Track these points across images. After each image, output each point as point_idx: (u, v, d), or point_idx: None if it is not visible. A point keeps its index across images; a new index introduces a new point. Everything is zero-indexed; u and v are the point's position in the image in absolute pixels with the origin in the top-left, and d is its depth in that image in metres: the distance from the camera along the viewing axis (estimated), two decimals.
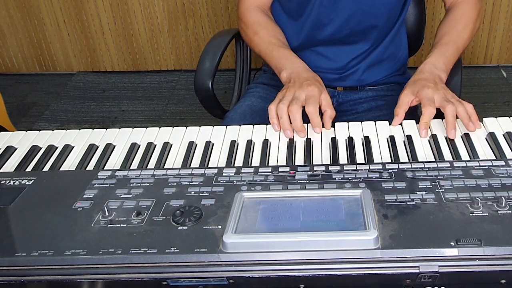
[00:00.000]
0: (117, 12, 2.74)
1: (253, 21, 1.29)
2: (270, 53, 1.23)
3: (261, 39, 1.26)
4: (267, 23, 1.29)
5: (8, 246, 0.69)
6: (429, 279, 0.64)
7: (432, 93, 1.02)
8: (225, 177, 0.81)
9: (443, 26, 1.23)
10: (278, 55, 1.21)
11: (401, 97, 1.05)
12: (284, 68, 1.17)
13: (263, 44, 1.25)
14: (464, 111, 0.98)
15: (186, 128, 1.03)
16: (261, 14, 1.31)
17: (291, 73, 1.14)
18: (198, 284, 0.66)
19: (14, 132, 1.06)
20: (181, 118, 2.53)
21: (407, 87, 1.07)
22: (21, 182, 0.83)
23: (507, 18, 2.61)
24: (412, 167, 0.81)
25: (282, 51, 1.22)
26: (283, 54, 1.21)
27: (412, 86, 1.06)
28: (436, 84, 1.05)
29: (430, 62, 1.13)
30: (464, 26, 1.21)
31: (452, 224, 0.68)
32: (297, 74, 1.12)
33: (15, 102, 2.72)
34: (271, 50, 1.23)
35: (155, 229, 0.70)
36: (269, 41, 1.25)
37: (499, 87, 2.58)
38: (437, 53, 1.15)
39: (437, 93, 1.01)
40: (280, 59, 1.20)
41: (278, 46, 1.23)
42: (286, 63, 1.18)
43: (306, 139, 0.97)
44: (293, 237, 0.66)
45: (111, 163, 0.94)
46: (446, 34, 1.19)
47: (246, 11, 1.31)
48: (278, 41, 1.25)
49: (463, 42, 1.20)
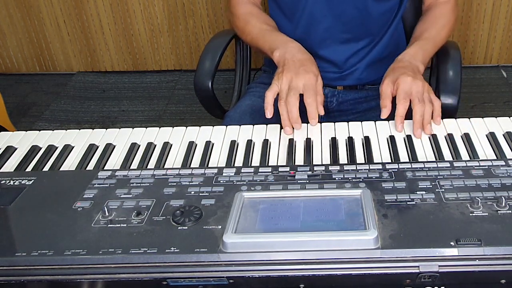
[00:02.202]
0: (117, 12, 2.74)
1: (243, 11, 1.30)
2: (262, 37, 1.22)
3: (253, 26, 1.25)
4: (258, 13, 1.30)
5: (8, 246, 0.69)
6: (429, 279, 0.64)
7: (410, 83, 1.02)
8: (225, 177, 0.81)
9: (423, 23, 1.25)
10: (270, 38, 1.20)
11: (382, 88, 1.05)
12: (277, 48, 1.14)
13: (254, 31, 1.25)
14: (429, 113, 0.99)
15: (186, 128, 1.03)
16: (252, 5, 1.31)
17: (285, 52, 1.12)
18: (198, 284, 0.66)
19: (14, 132, 1.06)
20: (181, 118, 2.53)
21: (387, 77, 1.07)
22: (21, 182, 0.83)
23: (507, 18, 2.61)
24: (412, 167, 0.80)
25: (275, 34, 1.21)
26: (276, 36, 1.20)
27: (391, 74, 1.07)
28: (415, 73, 1.06)
29: (408, 53, 1.14)
30: (443, 25, 1.24)
31: (452, 224, 0.68)
32: (291, 54, 1.10)
33: (15, 102, 2.72)
34: (263, 35, 1.22)
35: (155, 229, 0.70)
36: (261, 27, 1.24)
37: (499, 87, 2.58)
38: (416, 45, 1.17)
39: (415, 85, 1.02)
40: (273, 41, 1.18)
41: (271, 31, 1.22)
42: (279, 43, 1.16)
43: (306, 139, 0.97)
44: (293, 237, 0.66)
45: (111, 163, 0.94)
46: (426, 31, 1.21)
47: (236, 4, 1.31)
48: (269, 27, 1.24)
49: (441, 40, 1.23)
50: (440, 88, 1.19)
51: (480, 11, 2.60)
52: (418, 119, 0.97)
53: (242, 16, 1.29)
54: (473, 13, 2.60)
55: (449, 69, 1.23)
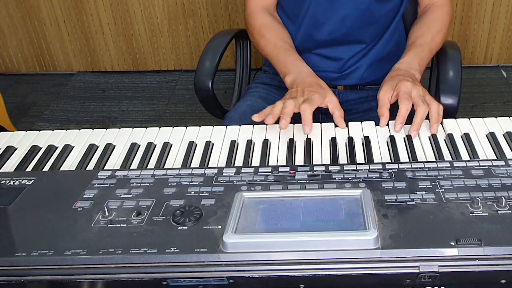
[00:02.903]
0: (117, 12, 2.74)
1: (259, 23, 1.29)
2: (276, 56, 1.23)
3: (268, 41, 1.26)
4: (273, 25, 1.29)
5: (8, 246, 0.69)
6: (429, 279, 0.64)
7: (410, 86, 1.02)
8: (225, 177, 0.81)
9: (418, 28, 1.24)
10: (283, 58, 1.21)
11: (380, 96, 1.05)
12: (289, 73, 1.17)
13: (269, 47, 1.25)
14: (436, 111, 0.98)
15: (186, 128, 1.03)
16: (267, 16, 1.31)
17: (295, 78, 1.14)
18: (198, 284, 0.66)
19: (14, 132, 1.06)
20: (181, 118, 2.53)
21: (385, 84, 1.07)
22: (21, 182, 0.83)
23: (507, 18, 2.61)
24: (412, 167, 0.80)
25: (288, 55, 1.22)
26: (288, 58, 1.21)
27: (389, 81, 1.07)
28: (413, 80, 1.06)
29: (405, 62, 1.14)
30: (438, 30, 1.23)
31: (452, 224, 0.68)
32: (301, 79, 1.13)
33: (15, 102, 2.72)
34: (277, 54, 1.23)
35: (155, 229, 0.70)
36: (275, 43, 1.25)
37: (499, 87, 2.58)
38: (412, 53, 1.16)
39: (415, 88, 1.02)
40: (286, 63, 1.20)
41: (284, 49, 1.23)
42: (291, 67, 1.18)
43: (306, 139, 0.97)
44: (293, 237, 0.66)
45: (111, 163, 0.94)
46: (421, 36, 1.21)
47: (252, 14, 1.31)
48: (284, 44, 1.25)
49: (436, 46, 1.22)
50: (440, 88, 1.19)
51: (480, 11, 2.60)
52: (419, 121, 0.97)
53: (257, 28, 1.29)
54: (473, 13, 2.60)
55: (449, 69, 1.23)
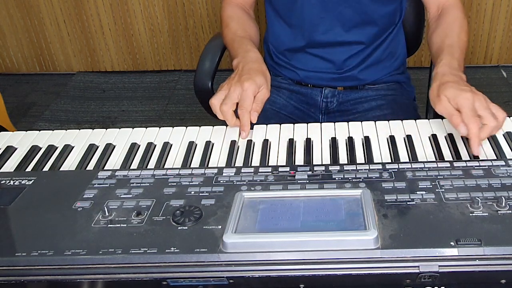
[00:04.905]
0: (117, 12, 2.74)
1: (226, 14, 1.30)
2: (232, 43, 1.22)
3: (229, 30, 1.26)
4: (239, 17, 1.29)
5: (8, 246, 0.69)
6: (429, 279, 0.64)
7: (471, 99, 0.92)
8: (225, 177, 0.81)
9: (439, 32, 1.18)
10: (237, 45, 1.20)
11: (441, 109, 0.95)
12: (236, 56, 1.15)
13: (229, 36, 1.25)
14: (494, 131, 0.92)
15: (186, 128, 1.03)
16: (237, 9, 1.31)
17: (239, 62, 1.12)
18: (198, 284, 0.66)
19: (14, 132, 1.06)
20: (181, 118, 2.53)
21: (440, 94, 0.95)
22: (21, 182, 0.83)
23: (507, 18, 2.61)
24: (412, 167, 0.80)
25: (242, 42, 1.20)
26: (241, 43, 1.20)
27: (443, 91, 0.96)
28: (469, 87, 0.98)
29: (445, 64, 1.06)
30: (460, 29, 1.17)
31: (452, 224, 0.68)
32: (245, 63, 1.10)
33: (15, 102, 2.72)
34: (233, 41, 1.22)
35: (155, 229, 0.70)
36: (235, 33, 1.24)
37: (499, 87, 2.58)
38: (446, 55, 1.09)
39: (477, 100, 0.92)
40: (237, 49, 1.18)
41: (241, 37, 1.22)
42: (240, 52, 1.17)
43: (306, 139, 0.97)
44: (293, 237, 0.66)
45: (111, 163, 0.94)
46: (446, 38, 1.15)
47: (224, 7, 1.32)
48: (243, 33, 1.24)
49: (464, 44, 1.16)
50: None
51: (480, 11, 2.60)
52: (484, 136, 0.90)
53: (224, 19, 1.30)
54: (473, 13, 2.60)
55: None
